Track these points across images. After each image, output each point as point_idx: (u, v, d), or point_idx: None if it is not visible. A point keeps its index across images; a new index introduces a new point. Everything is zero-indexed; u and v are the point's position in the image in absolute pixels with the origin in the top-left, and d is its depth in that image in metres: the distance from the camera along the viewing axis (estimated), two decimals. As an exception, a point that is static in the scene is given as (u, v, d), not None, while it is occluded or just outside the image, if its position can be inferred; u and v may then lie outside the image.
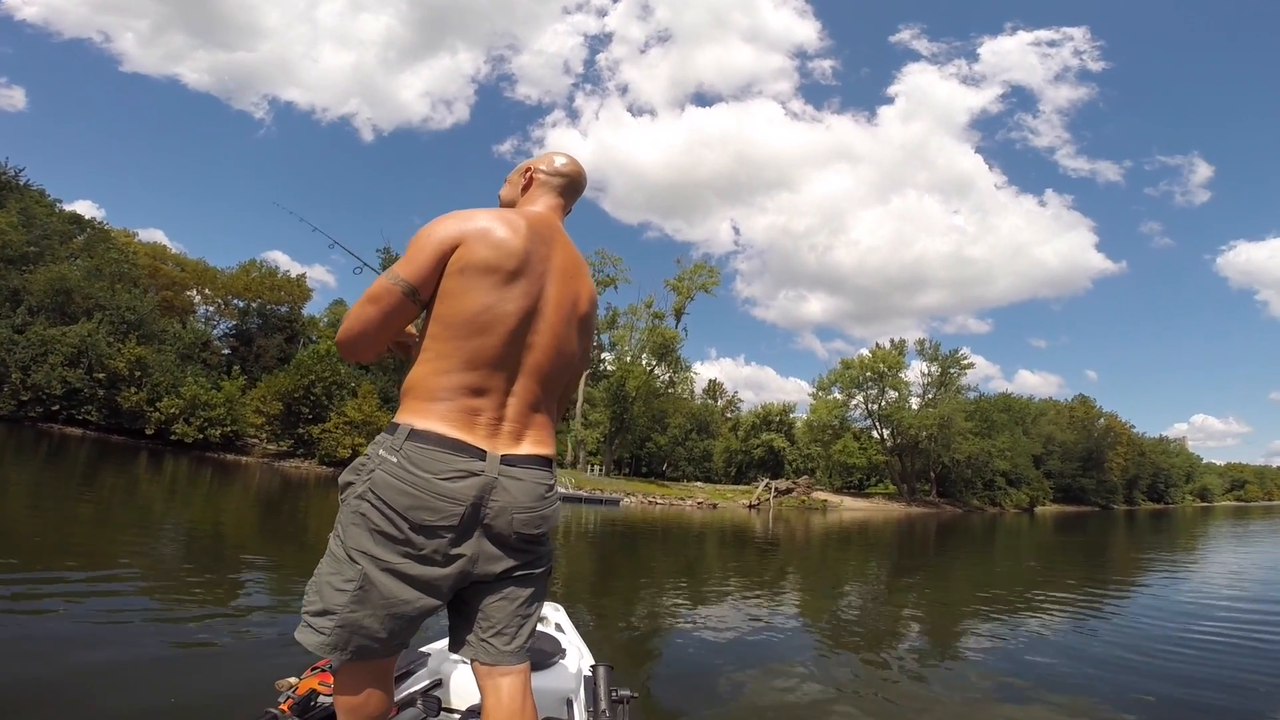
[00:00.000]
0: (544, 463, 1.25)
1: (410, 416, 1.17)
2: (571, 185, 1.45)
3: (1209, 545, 18.44)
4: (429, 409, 1.17)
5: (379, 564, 1.13)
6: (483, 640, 1.21)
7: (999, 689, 3.80)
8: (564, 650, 1.85)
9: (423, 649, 1.83)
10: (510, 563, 1.21)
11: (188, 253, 46.68)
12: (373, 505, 1.14)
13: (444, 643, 1.79)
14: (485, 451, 1.17)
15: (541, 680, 1.61)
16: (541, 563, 1.27)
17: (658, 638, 4.67)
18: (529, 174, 1.44)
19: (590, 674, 1.76)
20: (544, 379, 1.26)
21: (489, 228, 1.23)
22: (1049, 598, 7.61)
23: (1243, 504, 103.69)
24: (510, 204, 1.45)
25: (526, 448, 1.23)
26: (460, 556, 1.16)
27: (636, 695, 1.77)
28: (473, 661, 1.22)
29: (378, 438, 1.21)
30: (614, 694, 1.70)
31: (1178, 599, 7.79)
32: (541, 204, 1.41)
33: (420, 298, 1.20)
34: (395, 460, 1.14)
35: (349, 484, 1.19)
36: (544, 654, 1.78)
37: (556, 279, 1.28)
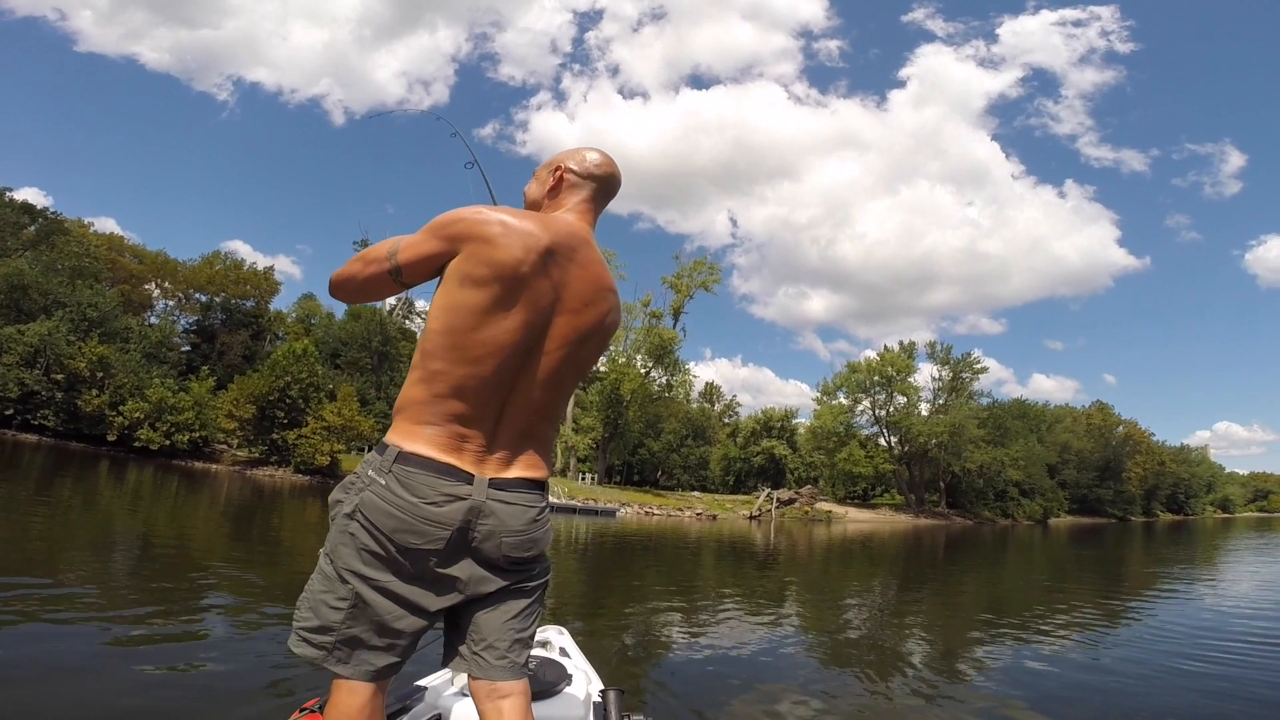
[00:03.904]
0: (535, 485, 1.29)
1: (399, 438, 1.22)
2: (604, 188, 1.42)
3: (1229, 559, 18.74)
4: (418, 432, 1.21)
5: (369, 583, 1.19)
6: (475, 654, 1.25)
7: (1003, 714, 3.91)
8: (570, 676, 1.85)
9: (419, 682, 1.83)
10: (502, 582, 1.26)
11: (142, 243, 46.54)
12: (361, 525, 1.19)
13: (441, 675, 1.84)
14: (473, 475, 1.21)
15: (548, 709, 1.63)
16: (537, 575, 1.32)
17: (664, 659, 4.72)
18: (558, 172, 1.40)
19: (600, 699, 1.77)
20: (537, 408, 1.29)
21: (502, 238, 1.21)
22: (1061, 617, 7.74)
23: (1266, 515, 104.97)
24: (536, 204, 1.43)
25: (517, 471, 1.26)
26: (450, 578, 1.22)
27: None
28: (471, 683, 1.26)
29: (367, 457, 1.27)
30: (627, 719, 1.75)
31: (1195, 617, 7.94)
32: (571, 208, 1.37)
33: (403, 280, 1.28)
34: (384, 482, 1.19)
35: (338, 502, 1.24)
36: (549, 681, 1.77)
37: (570, 304, 1.27)
